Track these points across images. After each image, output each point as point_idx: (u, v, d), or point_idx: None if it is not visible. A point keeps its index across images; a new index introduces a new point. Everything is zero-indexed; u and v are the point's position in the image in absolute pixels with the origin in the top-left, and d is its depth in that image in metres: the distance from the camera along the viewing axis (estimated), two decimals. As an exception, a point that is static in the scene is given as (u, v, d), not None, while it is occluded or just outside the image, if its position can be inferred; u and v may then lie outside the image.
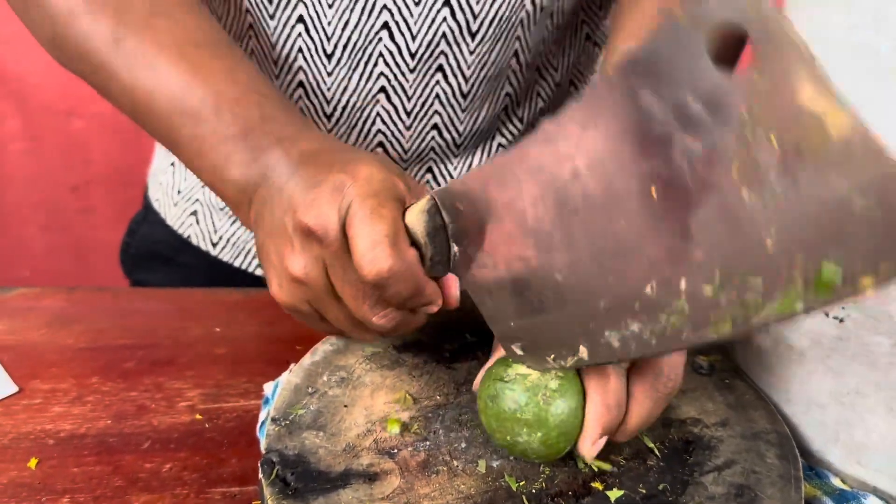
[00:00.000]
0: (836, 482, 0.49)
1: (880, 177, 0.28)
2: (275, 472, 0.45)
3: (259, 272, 0.82)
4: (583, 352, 0.42)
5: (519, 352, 0.46)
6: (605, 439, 0.45)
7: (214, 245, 0.82)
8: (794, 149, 0.30)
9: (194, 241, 0.83)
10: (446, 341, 0.58)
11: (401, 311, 0.50)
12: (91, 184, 1.63)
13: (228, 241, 0.82)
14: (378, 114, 0.71)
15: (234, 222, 0.81)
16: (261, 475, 0.45)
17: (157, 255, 0.87)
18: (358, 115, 0.71)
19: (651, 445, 0.47)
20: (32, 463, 0.54)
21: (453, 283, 0.51)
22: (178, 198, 0.83)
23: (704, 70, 0.32)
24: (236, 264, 0.82)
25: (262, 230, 0.53)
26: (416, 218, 0.47)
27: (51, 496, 0.51)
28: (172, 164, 0.84)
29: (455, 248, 0.47)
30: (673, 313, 0.37)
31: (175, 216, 0.84)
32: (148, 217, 0.88)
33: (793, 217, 0.31)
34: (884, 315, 0.45)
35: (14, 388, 0.61)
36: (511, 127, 0.80)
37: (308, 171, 0.51)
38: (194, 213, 0.82)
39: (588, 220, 0.40)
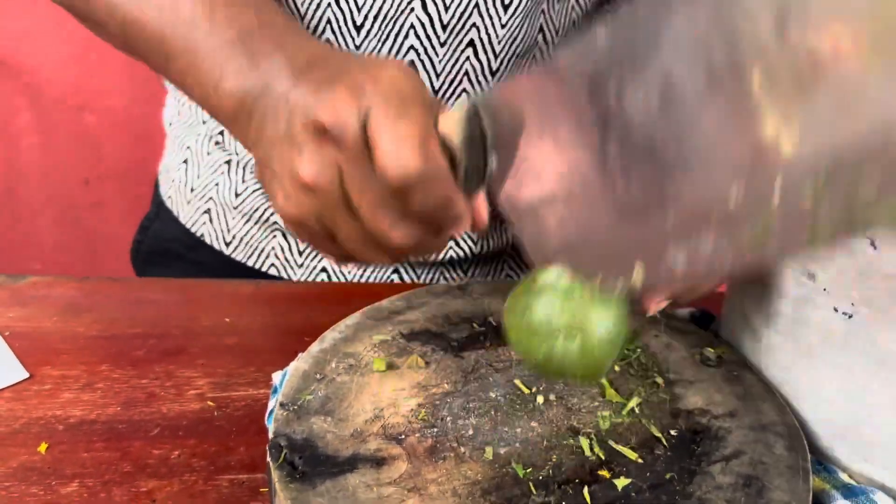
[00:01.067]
0: (844, 477, 0.48)
1: None
2: (283, 456, 0.45)
3: (273, 271, 0.82)
4: (637, 273, 0.38)
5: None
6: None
7: (228, 244, 0.82)
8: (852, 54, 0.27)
9: (207, 239, 0.83)
10: (454, 331, 0.58)
11: (423, 229, 0.45)
12: (103, 178, 1.63)
13: (242, 240, 0.82)
14: None
15: (247, 221, 0.81)
16: (269, 459, 0.46)
17: (169, 252, 0.87)
18: None
19: (658, 435, 0.47)
20: (42, 447, 0.54)
21: (482, 202, 0.46)
22: (192, 196, 0.83)
23: None
24: (249, 263, 0.83)
25: (262, 144, 0.48)
26: (452, 124, 0.42)
27: (60, 480, 0.52)
28: (185, 162, 0.84)
29: (494, 160, 0.43)
30: (759, 224, 0.32)
31: (188, 214, 0.84)
32: (160, 214, 0.88)
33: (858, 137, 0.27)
34: (893, 311, 0.45)
35: (25, 374, 0.61)
36: None
37: (315, 76, 0.46)
38: (207, 211, 0.82)
39: (664, 112, 0.34)
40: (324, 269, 0.81)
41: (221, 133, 0.80)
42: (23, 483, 0.51)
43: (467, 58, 0.71)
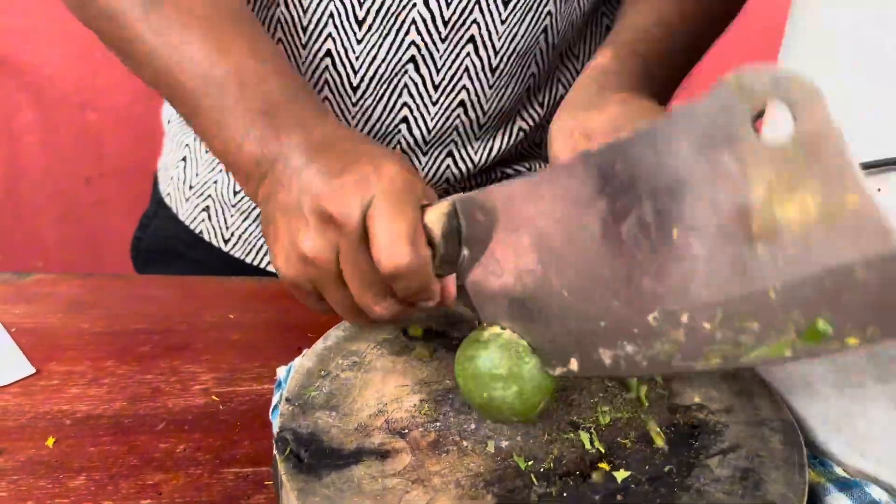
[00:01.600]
0: (839, 471, 0.49)
1: (884, 255, 0.32)
2: (289, 449, 0.46)
3: (271, 269, 0.83)
4: (573, 364, 0.46)
5: None
6: None
7: (226, 241, 0.83)
8: (814, 218, 0.34)
9: (206, 237, 0.84)
10: (455, 330, 0.59)
11: (400, 304, 0.52)
12: (105, 176, 1.64)
13: (241, 237, 0.83)
14: (405, 85, 0.72)
15: (245, 219, 0.82)
16: (275, 452, 0.46)
17: (168, 250, 0.88)
18: (385, 86, 0.72)
19: (656, 430, 0.48)
20: (50, 442, 0.55)
21: (452, 283, 0.54)
22: (190, 193, 0.84)
23: (744, 135, 0.35)
24: (248, 260, 0.83)
25: (272, 205, 0.54)
26: (436, 219, 0.50)
27: (68, 474, 0.52)
28: (183, 160, 0.85)
29: (465, 252, 0.50)
30: (668, 342, 0.41)
31: (187, 211, 0.85)
32: (159, 212, 0.89)
33: (798, 275, 0.35)
34: (888, 304, 0.46)
35: (31, 370, 0.62)
36: (532, 111, 0.80)
37: (327, 158, 0.53)
38: (206, 208, 0.83)
39: (603, 249, 0.42)
40: None
41: None
42: (31, 476, 0.52)
43: (468, 54, 0.72)
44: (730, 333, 0.38)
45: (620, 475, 0.45)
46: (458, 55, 0.71)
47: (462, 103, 0.73)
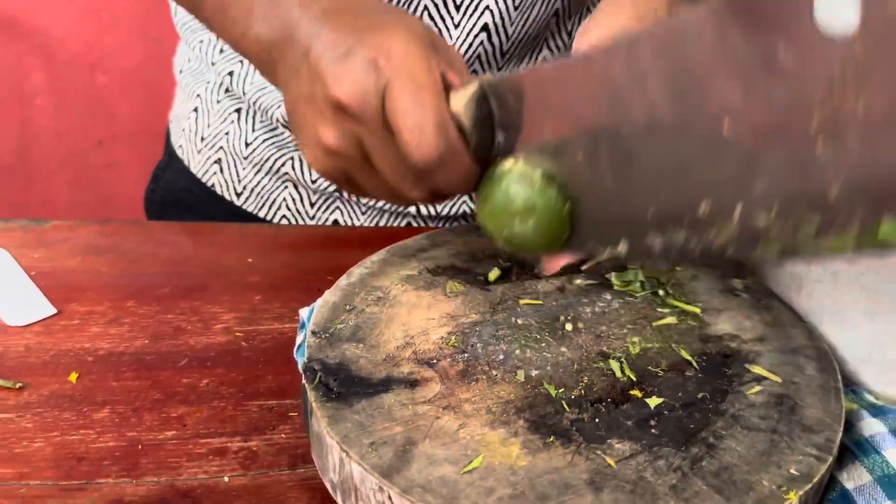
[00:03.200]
0: (871, 399, 0.49)
1: None
2: (318, 378, 0.45)
3: (284, 223, 0.82)
4: (622, 247, 0.44)
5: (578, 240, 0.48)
6: None
7: (239, 195, 0.82)
8: (881, 115, 0.32)
9: (219, 190, 0.83)
10: (479, 266, 0.58)
11: (439, 191, 0.51)
12: (116, 139, 1.63)
13: (253, 191, 0.82)
14: (426, 7, 0.70)
15: (258, 171, 0.81)
16: (304, 381, 0.46)
17: (181, 202, 0.87)
18: (404, 7, 0.70)
19: (689, 358, 0.48)
20: (73, 377, 0.54)
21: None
22: (202, 145, 0.83)
23: (805, 23, 0.32)
24: (261, 215, 0.82)
25: (290, 95, 0.52)
26: (464, 105, 0.47)
27: (92, 406, 0.52)
28: (195, 111, 0.83)
29: (500, 137, 0.47)
30: (722, 232, 0.39)
31: (199, 164, 0.84)
32: (172, 164, 0.88)
33: (862, 174, 0.33)
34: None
35: (52, 310, 0.61)
36: (559, 39, 0.78)
37: (333, 33, 0.49)
38: (218, 161, 0.82)
39: (651, 136, 0.40)
40: (335, 222, 0.81)
41: (230, 74, 0.79)
42: (56, 409, 0.52)
43: (481, 42, 0.70)
44: (788, 226, 0.36)
45: (653, 401, 0.44)
46: (471, 43, 0.70)
47: (485, 27, 0.71)
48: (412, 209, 0.80)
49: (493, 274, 0.56)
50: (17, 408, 0.51)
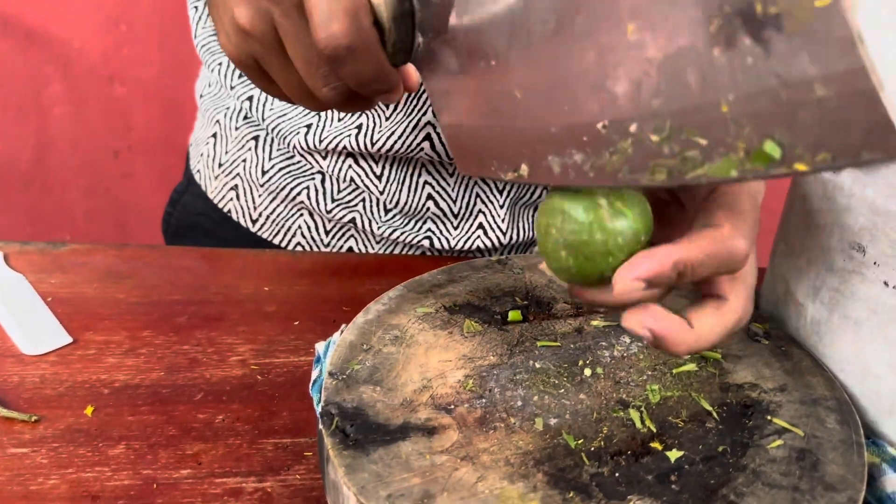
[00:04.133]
0: (893, 451, 0.48)
1: (847, 72, 0.29)
2: (335, 423, 0.45)
3: (298, 249, 0.82)
4: (524, 169, 0.43)
5: (470, 158, 0.47)
6: (645, 289, 0.39)
7: (254, 222, 0.82)
8: (776, 22, 0.30)
9: (234, 216, 0.83)
10: (496, 304, 0.58)
11: (353, 92, 0.48)
12: (132, 149, 1.64)
13: (268, 218, 0.82)
14: None
15: (273, 199, 0.81)
16: (321, 427, 0.46)
17: (197, 226, 0.87)
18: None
19: (709, 408, 0.47)
20: (89, 410, 0.54)
21: (413, 72, 0.49)
22: (219, 171, 0.83)
23: None
24: (276, 242, 0.83)
25: None
26: None
27: (107, 442, 0.52)
28: (213, 136, 0.84)
29: (420, 38, 0.46)
30: (616, 152, 0.38)
31: (215, 189, 0.84)
32: (190, 188, 0.88)
33: (754, 88, 0.32)
34: (950, 284, 0.45)
35: (68, 339, 0.61)
36: None
37: None
38: (234, 187, 0.82)
39: (556, 46, 0.39)
40: (350, 250, 0.81)
41: (249, 99, 0.79)
42: (71, 444, 0.51)
43: None
44: (676, 147, 0.35)
45: (673, 455, 0.44)
46: None
47: None
48: (425, 242, 0.80)
49: (514, 315, 0.56)
50: (33, 442, 0.51)
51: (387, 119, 0.73)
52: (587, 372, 0.50)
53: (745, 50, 0.32)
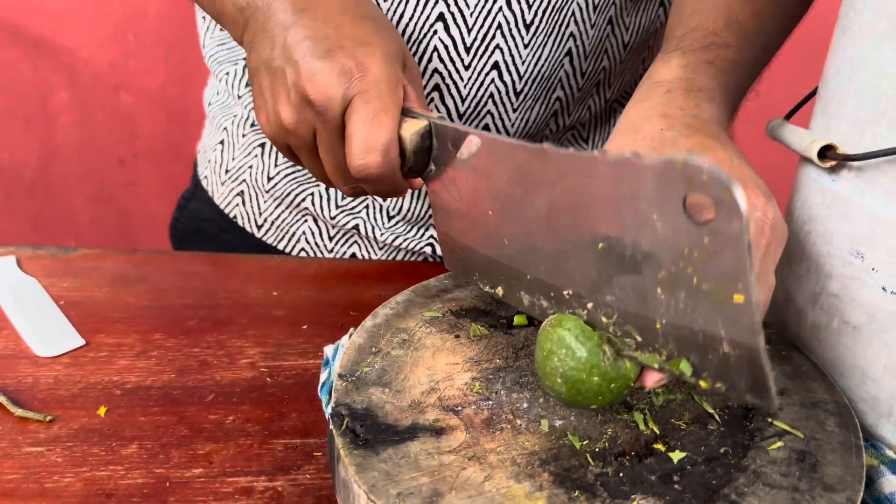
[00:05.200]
0: (891, 454, 0.49)
1: (747, 347, 0.40)
2: (345, 423, 0.46)
3: (302, 255, 0.83)
4: (499, 290, 0.54)
5: (457, 263, 0.57)
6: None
7: (259, 227, 0.84)
8: (706, 294, 0.41)
9: (240, 221, 0.84)
10: (502, 308, 0.59)
11: (370, 192, 0.57)
12: (138, 157, 1.65)
13: (273, 223, 0.83)
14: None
15: (278, 205, 0.82)
16: (331, 426, 0.47)
17: (203, 232, 0.89)
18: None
19: (711, 411, 0.48)
20: (102, 411, 0.55)
21: (419, 181, 0.57)
22: (226, 177, 0.84)
23: (674, 209, 0.40)
24: (280, 247, 0.84)
25: (256, 56, 0.56)
26: (411, 135, 0.53)
27: (120, 442, 0.53)
28: (221, 143, 0.85)
29: (433, 167, 0.54)
30: (574, 312, 0.48)
31: (222, 195, 0.85)
32: (197, 194, 0.89)
33: (682, 323, 0.42)
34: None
35: (81, 342, 0.62)
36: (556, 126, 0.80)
37: (313, 23, 0.54)
38: (240, 193, 0.83)
39: (547, 228, 0.48)
40: (353, 256, 0.82)
41: None
42: (85, 444, 0.52)
43: (492, 80, 0.71)
44: (619, 332, 0.46)
45: (676, 456, 0.45)
46: (482, 82, 0.71)
47: (496, 65, 0.71)
48: (427, 249, 0.81)
49: (519, 319, 0.57)
50: (48, 441, 0.52)
51: None
52: (591, 375, 0.51)
53: (681, 299, 0.42)
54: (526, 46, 0.69)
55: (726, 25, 0.60)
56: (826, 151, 0.51)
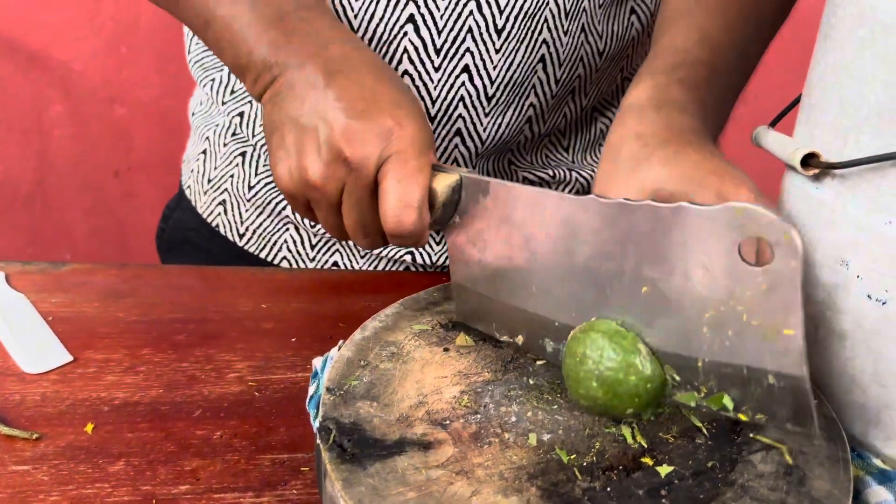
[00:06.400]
0: (878, 463, 0.49)
1: (792, 377, 0.43)
2: (332, 437, 0.46)
3: (284, 264, 0.83)
4: (520, 339, 0.55)
5: (470, 313, 0.57)
6: None
7: (241, 236, 0.84)
8: (755, 330, 0.43)
9: (222, 230, 0.84)
10: (493, 321, 0.58)
11: (386, 244, 0.57)
12: (133, 169, 1.65)
13: (255, 232, 0.83)
14: None
15: (260, 213, 0.82)
16: (318, 441, 0.46)
17: (188, 242, 0.89)
18: None
19: (699, 424, 0.48)
20: (89, 428, 0.55)
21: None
22: (208, 186, 0.84)
23: (730, 253, 0.43)
24: (262, 256, 0.84)
25: (281, 111, 0.55)
26: (443, 188, 0.54)
27: (107, 459, 0.53)
28: (203, 153, 0.85)
29: (457, 218, 0.55)
30: None
31: (205, 204, 0.85)
32: (181, 204, 0.89)
33: (726, 360, 0.45)
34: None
35: (69, 358, 0.62)
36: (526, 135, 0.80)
37: (348, 86, 0.54)
38: (222, 202, 0.83)
39: (580, 276, 0.50)
40: (335, 264, 0.82)
41: (240, 115, 0.80)
42: (71, 461, 0.52)
43: (462, 83, 0.71)
44: (659, 372, 0.48)
45: (664, 470, 0.45)
46: (452, 84, 0.71)
47: (466, 69, 0.71)
48: (408, 258, 0.81)
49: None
50: (34, 459, 0.52)
51: None
52: (580, 388, 0.51)
53: (727, 336, 0.44)
54: (497, 51, 0.70)
55: (698, 42, 0.62)
56: (809, 159, 0.51)
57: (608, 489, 0.43)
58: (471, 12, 0.68)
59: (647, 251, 0.47)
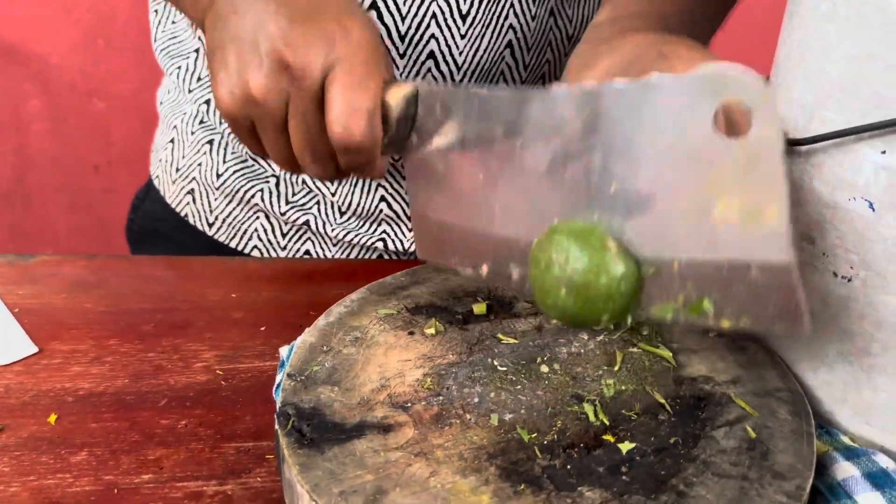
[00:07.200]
0: (846, 440, 0.49)
1: (778, 267, 0.39)
2: (290, 423, 0.46)
3: (255, 253, 0.82)
4: (484, 269, 0.51)
5: (432, 247, 0.55)
6: None
7: (211, 225, 0.83)
8: (734, 216, 0.39)
9: (191, 220, 0.83)
10: (458, 305, 0.58)
11: (337, 169, 0.52)
12: (112, 164, 1.64)
13: (224, 221, 0.82)
14: None
15: (229, 202, 0.81)
16: (277, 427, 0.46)
17: (157, 232, 0.88)
18: None
19: (662, 401, 0.48)
20: (52, 418, 0.55)
21: (386, 161, 0.54)
22: (177, 175, 0.84)
23: (704, 126, 0.39)
24: (232, 245, 0.83)
25: (221, 31, 0.52)
26: (396, 101, 0.49)
27: (70, 449, 0.52)
28: (171, 142, 0.84)
29: (414, 138, 0.51)
30: None
31: (173, 194, 0.84)
32: (150, 194, 0.88)
33: (703, 258, 0.41)
34: (892, 274, 0.45)
35: (34, 349, 0.61)
36: None
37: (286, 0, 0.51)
38: (191, 191, 0.83)
39: (544, 184, 0.46)
40: (307, 253, 0.82)
41: (207, 103, 0.80)
42: (33, 452, 0.52)
43: (428, 70, 0.70)
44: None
45: (625, 447, 0.44)
46: (418, 71, 0.70)
47: (431, 55, 0.71)
48: (380, 245, 0.80)
49: (479, 308, 0.56)
50: (-5, 451, 0.52)
51: None
52: (544, 368, 0.51)
53: (705, 228, 0.40)
54: (463, 37, 0.69)
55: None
56: (775, 136, 0.50)
57: (568, 467, 0.43)
58: None
59: (614, 142, 0.42)
